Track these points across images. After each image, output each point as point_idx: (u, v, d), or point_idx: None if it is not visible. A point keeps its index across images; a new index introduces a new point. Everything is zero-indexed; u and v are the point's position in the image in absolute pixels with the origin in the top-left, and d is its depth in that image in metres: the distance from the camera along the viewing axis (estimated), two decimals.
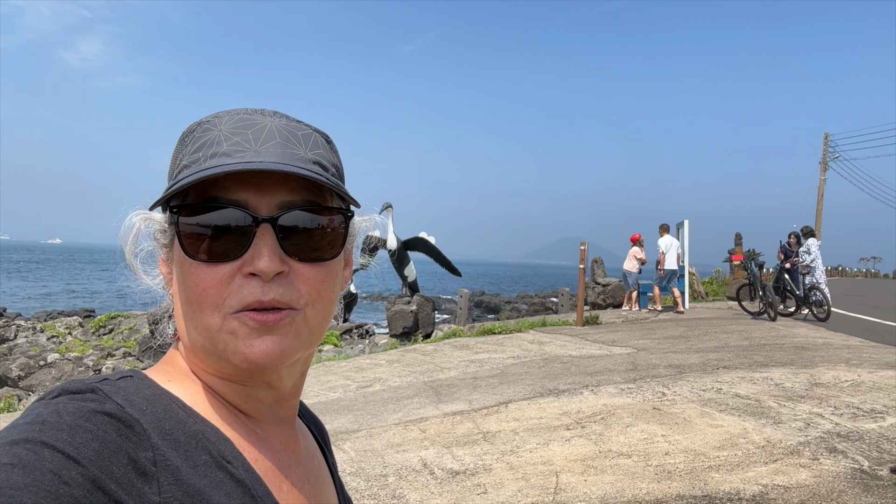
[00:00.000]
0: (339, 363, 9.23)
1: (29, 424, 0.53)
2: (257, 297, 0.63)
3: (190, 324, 0.67)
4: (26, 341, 13.78)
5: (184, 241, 0.65)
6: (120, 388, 0.60)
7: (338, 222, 0.70)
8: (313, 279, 0.67)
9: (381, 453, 4.68)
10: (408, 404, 6.22)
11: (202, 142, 0.66)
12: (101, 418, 0.55)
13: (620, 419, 5.23)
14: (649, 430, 4.92)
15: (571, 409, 5.61)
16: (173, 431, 0.60)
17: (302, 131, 0.70)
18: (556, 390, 6.38)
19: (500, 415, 5.57)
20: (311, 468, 0.80)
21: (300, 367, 0.74)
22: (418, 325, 13.63)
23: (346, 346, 13.39)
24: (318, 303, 0.68)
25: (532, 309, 28.95)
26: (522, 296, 47.16)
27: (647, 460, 4.27)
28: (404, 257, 14.13)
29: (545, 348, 9.47)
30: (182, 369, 0.70)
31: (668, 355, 8.35)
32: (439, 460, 4.46)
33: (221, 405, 0.69)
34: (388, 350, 10.78)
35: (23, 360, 10.25)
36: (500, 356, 8.88)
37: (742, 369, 7.15)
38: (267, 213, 0.64)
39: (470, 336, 11.30)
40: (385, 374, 8.03)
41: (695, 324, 12.18)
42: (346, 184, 0.75)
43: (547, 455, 4.46)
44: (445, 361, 8.67)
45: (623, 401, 5.83)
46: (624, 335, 10.81)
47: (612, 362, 7.95)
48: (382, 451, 4.73)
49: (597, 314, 13.72)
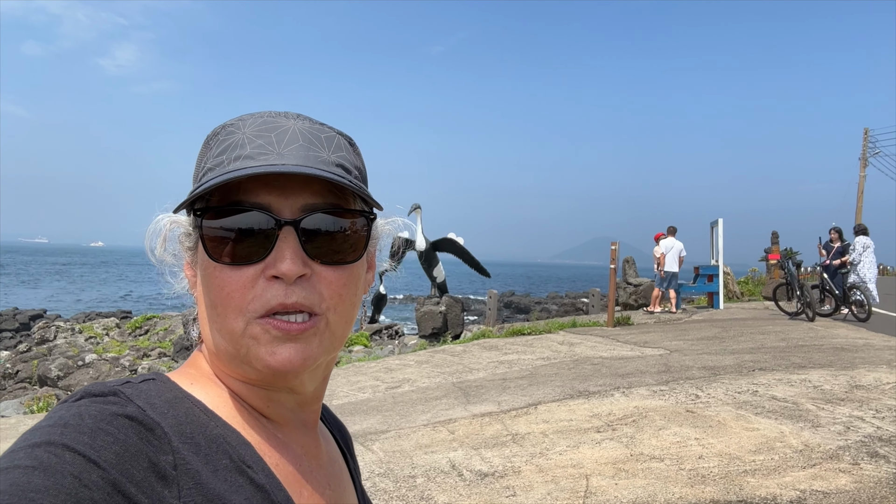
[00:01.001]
0: (369, 364, 9.27)
1: (51, 427, 0.53)
2: (280, 300, 0.63)
3: (213, 327, 0.67)
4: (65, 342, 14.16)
5: (207, 243, 0.65)
6: (142, 391, 0.61)
7: (360, 225, 0.69)
8: (335, 282, 0.67)
9: (409, 454, 4.68)
10: (436, 405, 6.21)
11: (226, 145, 0.67)
12: (123, 421, 0.55)
13: (652, 422, 5.15)
14: (682, 433, 4.83)
15: (602, 412, 5.54)
16: (194, 435, 0.60)
17: (325, 134, 0.70)
18: (586, 392, 6.31)
19: (529, 416, 5.52)
20: (333, 473, 0.79)
21: (322, 372, 0.74)
22: (447, 326, 13.63)
23: (375, 346, 13.45)
24: (340, 306, 0.67)
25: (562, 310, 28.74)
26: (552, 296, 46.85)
27: (680, 464, 4.18)
28: (433, 258, 14.13)
29: (575, 349, 9.37)
30: (205, 372, 0.70)
31: (701, 357, 8.20)
32: (468, 462, 4.44)
33: (243, 409, 0.68)
34: (418, 351, 10.79)
35: (62, 361, 10.53)
36: (530, 357, 8.82)
37: (779, 371, 6.97)
38: (290, 216, 0.64)
39: (499, 337, 11.25)
40: (414, 374, 8.04)
41: (730, 324, 11.93)
42: (369, 186, 0.75)
43: (577, 458, 4.40)
44: (474, 362, 8.64)
45: (655, 403, 5.74)
46: (656, 336, 10.64)
47: (644, 364, 7.83)
48: (411, 452, 4.72)
49: (628, 315, 13.54)
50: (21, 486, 0.46)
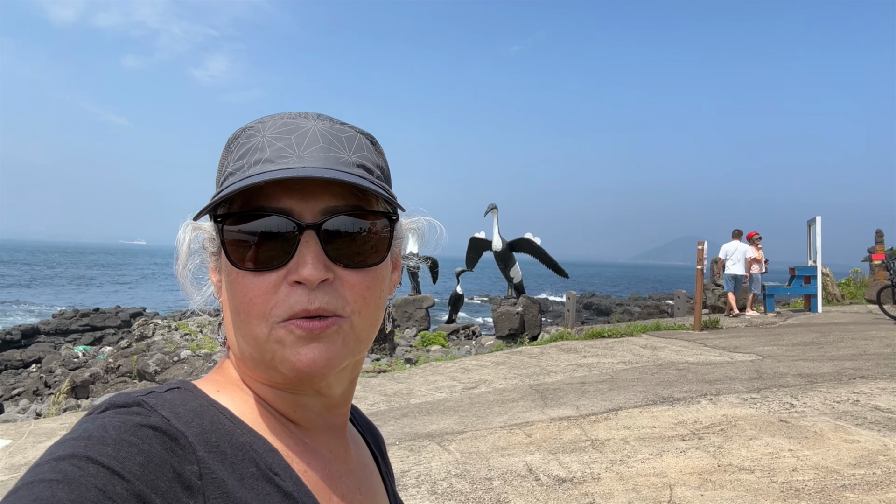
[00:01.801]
0: (446, 363, 9.32)
1: (75, 440, 0.53)
2: (303, 305, 0.62)
3: (238, 333, 0.66)
4: (162, 339, 15.04)
5: (229, 249, 0.64)
6: (166, 400, 0.61)
7: (382, 226, 0.68)
8: (359, 285, 0.65)
9: (485, 456, 4.66)
10: (513, 407, 6.15)
11: (246, 148, 0.66)
12: (147, 432, 0.55)
13: (742, 431, 4.90)
14: (775, 443, 4.57)
15: (688, 419, 5.32)
16: (220, 443, 0.60)
17: (346, 134, 0.69)
18: (670, 398, 6.08)
19: (609, 422, 5.37)
20: (363, 478, 0.78)
21: (349, 374, 0.73)
22: (524, 327, 13.51)
23: (452, 346, 13.51)
24: (365, 309, 0.66)
25: (645, 312, 27.87)
26: (635, 298, 45.54)
27: (772, 476, 3.95)
28: (510, 258, 14.04)
29: (659, 353, 9.06)
30: (232, 379, 0.70)
31: (797, 363, 7.73)
32: (545, 466, 4.37)
33: (270, 415, 0.68)
34: (494, 352, 10.75)
35: (159, 356, 11.20)
36: (610, 361, 8.60)
37: (883, 379, 6.47)
38: (311, 220, 0.63)
39: (578, 339, 11.03)
40: (490, 375, 8.01)
41: (828, 329, 11.19)
42: (393, 185, 0.74)
43: (660, 466, 4.24)
44: (552, 365, 8.51)
45: (745, 411, 5.46)
46: (747, 341, 10.13)
47: (734, 370, 7.48)
48: (487, 454, 4.70)
49: (716, 318, 12.96)
50: (45, 499, 0.47)
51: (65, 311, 28.03)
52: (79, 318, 26.35)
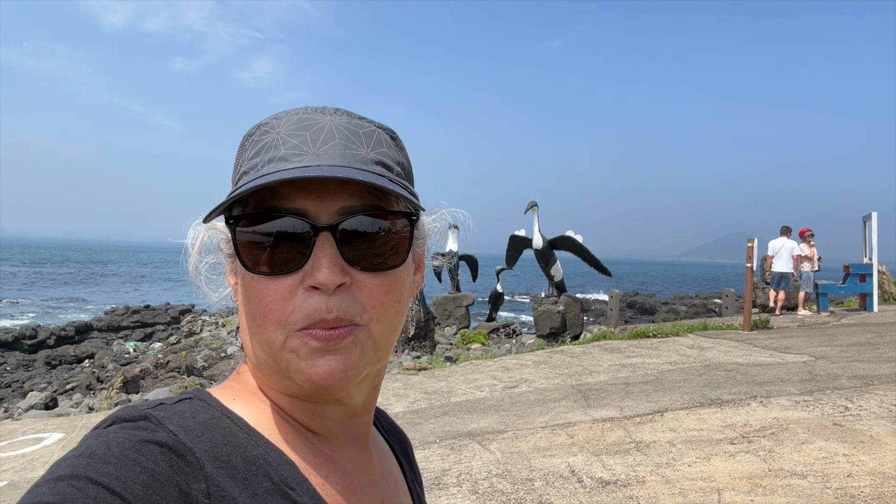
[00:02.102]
0: (486, 362, 9.28)
1: (77, 458, 0.51)
2: (322, 315, 0.59)
3: (254, 339, 0.64)
4: (210, 335, 15.42)
5: (242, 252, 0.62)
6: (175, 413, 0.59)
7: (402, 226, 0.65)
8: (377, 290, 0.62)
9: (527, 456, 4.61)
10: (555, 407, 6.08)
11: (260, 146, 0.64)
12: (152, 448, 0.53)
13: (794, 435, 4.73)
14: (829, 448, 4.40)
15: (737, 422, 5.16)
16: (231, 458, 0.58)
17: (364, 129, 0.66)
18: (718, 400, 5.92)
19: (654, 424, 5.26)
20: (387, 488, 0.75)
21: (370, 382, 0.70)
22: (566, 326, 13.36)
23: (493, 345, 13.45)
24: (383, 315, 0.63)
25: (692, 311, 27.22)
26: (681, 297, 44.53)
27: (826, 482, 3.80)
28: (550, 256, 13.90)
29: (706, 354, 8.83)
30: (249, 386, 0.68)
31: (852, 364, 7.43)
32: (588, 468, 4.30)
33: (287, 425, 0.66)
34: (535, 351, 10.66)
35: (207, 352, 11.48)
36: (655, 361, 8.42)
37: None
38: (327, 221, 0.60)
39: (621, 339, 10.84)
40: (531, 375, 7.94)
41: (885, 329, 10.74)
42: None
43: (708, 470, 4.13)
44: (594, 365, 8.39)
45: (797, 414, 5.27)
46: (799, 341, 9.79)
47: (785, 371, 7.24)
48: (529, 455, 4.65)
49: (767, 317, 12.57)
50: None
51: (117, 308, 29.05)
52: (130, 315, 27.26)
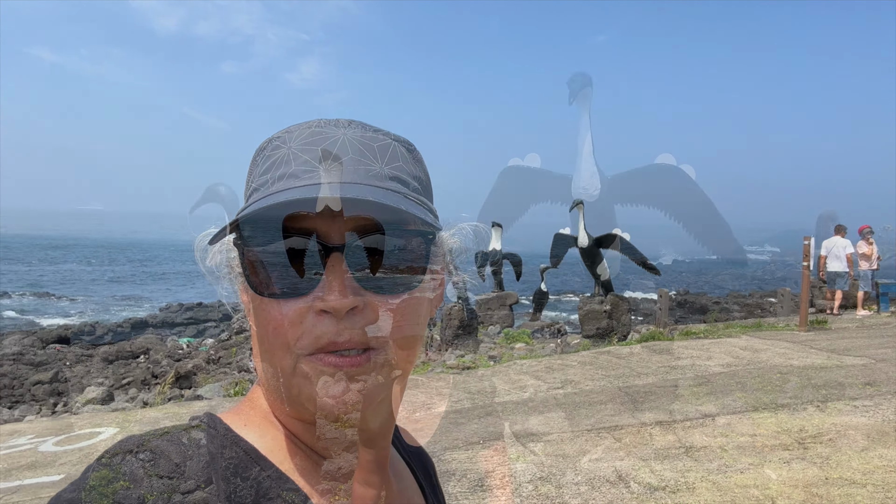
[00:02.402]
0: (531, 362, 9.18)
1: (70, 497, 0.51)
2: (331, 338, 0.56)
3: (265, 362, 0.62)
4: None
5: (250, 273, 0.59)
6: (180, 445, 0.57)
7: (418, 244, 0.61)
8: (392, 312, 0.59)
9: (572, 459, 4.53)
10: (601, 410, 5.96)
11: (271, 161, 0.61)
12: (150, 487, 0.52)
13: (853, 441, 4.52)
14: (890, 455, 4.19)
15: (792, 427, 4.96)
16: (237, 491, 0.56)
17: (378, 143, 0.63)
18: (772, 404, 5.70)
19: (705, 428, 5.10)
20: None
21: (387, 406, 0.66)
22: (612, 326, 13.13)
23: (537, 344, 13.32)
24: (400, 339, 0.59)
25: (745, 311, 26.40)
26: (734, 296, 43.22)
27: (887, 492, 3.62)
28: (596, 255, 13.68)
29: (760, 356, 8.53)
30: (261, 411, 0.66)
31: None
32: (635, 473, 4.19)
33: (300, 452, 0.63)
34: (580, 351, 10.50)
35: None
36: (706, 363, 8.18)
37: None
38: (338, 241, 0.57)
39: (670, 339, 10.59)
40: (577, 376, 7.81)
41: None
42: (435, 195, 0.67)
43: (761, 478, 3.97)
44: (642, 366, 8.20)
45: (857, 420, 5.04)
46: (858, 343, 9.38)
47: (844, 374, 6.93)
48: (574, 458, 4.57)
49: (824, 318, 12.09)
50: None
51: (170, 305, 30.01)
52: (183, 312, 28.12)
